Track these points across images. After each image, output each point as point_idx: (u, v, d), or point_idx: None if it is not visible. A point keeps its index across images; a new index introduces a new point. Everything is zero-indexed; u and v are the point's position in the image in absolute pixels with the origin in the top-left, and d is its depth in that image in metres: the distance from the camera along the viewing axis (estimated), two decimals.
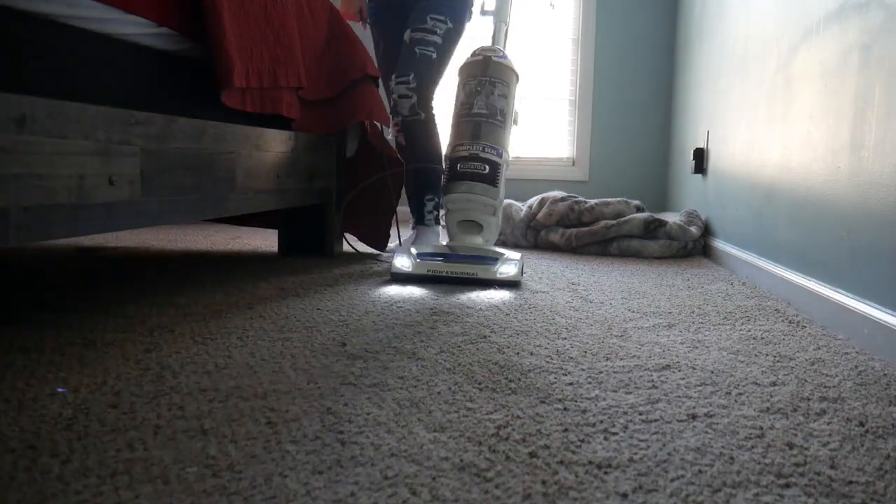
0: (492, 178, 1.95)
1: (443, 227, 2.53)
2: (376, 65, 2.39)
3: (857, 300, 1.40)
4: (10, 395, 0.93)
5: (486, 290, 1.79)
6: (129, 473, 0.72)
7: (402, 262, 1.89)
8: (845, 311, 1.42)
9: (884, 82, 1.35)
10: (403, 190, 2.47)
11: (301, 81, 1.84)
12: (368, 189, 2.41)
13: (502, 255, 1.91)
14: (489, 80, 2.01)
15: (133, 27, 1.30)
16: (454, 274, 1.86)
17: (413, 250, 1.92)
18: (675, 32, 3.75)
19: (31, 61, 1.13)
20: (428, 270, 1.87)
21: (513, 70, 2.07)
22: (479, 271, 1.86)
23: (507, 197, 3.42)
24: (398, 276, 1.89)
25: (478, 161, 1.95)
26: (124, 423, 0.85)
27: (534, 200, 2.89)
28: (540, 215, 2.80)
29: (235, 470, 0.74)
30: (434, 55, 2.34)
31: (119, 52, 1.32)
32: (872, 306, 1.34)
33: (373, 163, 2.40)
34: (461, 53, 2.36)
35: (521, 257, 1.93)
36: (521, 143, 3.90)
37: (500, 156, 1.98)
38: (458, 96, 2.08)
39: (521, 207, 2.91)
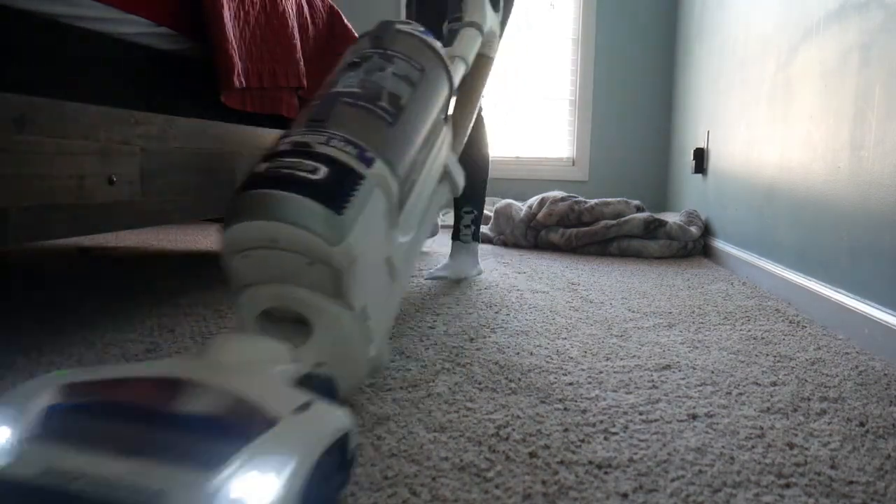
0: (331, 194, 0.84)
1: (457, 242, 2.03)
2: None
3: (857, 300, 1.40)
4: None
5: (491, 287, 1.75)
6: None
7: None
8: (845, 311, 1.42)
9: (884, 82, 1.35)
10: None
11: (301, 82, 1.84)
12: None
13: (271, 425, 0.60)
14: (382, 52, 1.04)
15: (133, 27, 1.30)
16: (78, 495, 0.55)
17: (42, 393, 0.64)
18: (675, 32, 3.74)
19: (31, 61, 1.13)
20: (44, 472, 0.57)
21: (438, 55, 1.11)
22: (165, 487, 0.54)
23: (507, 197, 3.43)
24: None
25: (307, 157, 0.87)
26: None
27: (534, 200, 2.89)
28: (540, 215, 2.80)
29: None
30: None
31: (119, 52, 1.32)
32: (872, 306, 1.34)
33: None
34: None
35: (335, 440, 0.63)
36: (522, 143, 3.90)
37: (367, 162, 0.89)
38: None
39: (521, 207, 2.91)
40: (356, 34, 2.22)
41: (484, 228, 3.02)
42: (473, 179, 1.94)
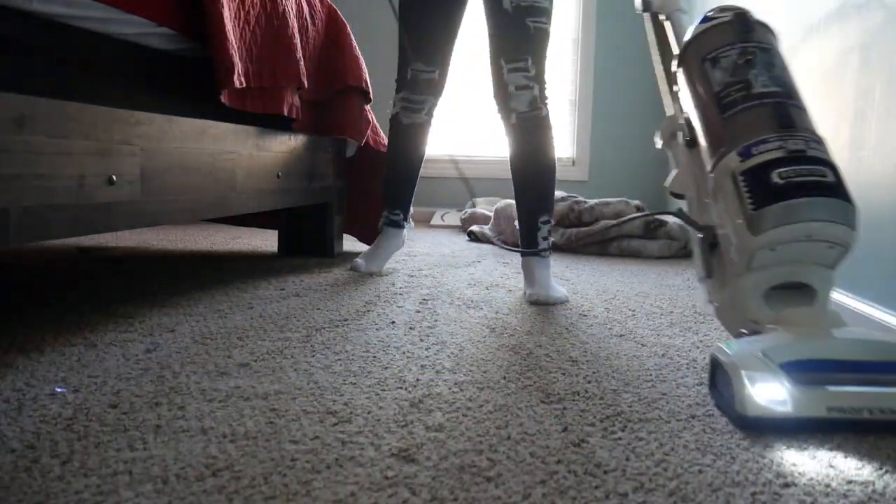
0: (844, 190, 1.02)
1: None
2: (401, 41, 1.93)
3: (857, 300, 1.40)
4: (10, 395, 0.93)
5: (492, 288, 1.76)
6: (130, 473, 0.72)
7: (766, 392, 0.89)
8: (845, 311, 1.42)
9: (884, 82, 1.35)
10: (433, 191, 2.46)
11: (301, 82, 1.84)
12: (365, 189, 2.41)
13: None
14: (759, 46, 1.14)
15: (133, 27, 1.30)
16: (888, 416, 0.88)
17: (769, 356, 0.93)
18: None
19: (31, 61, 1.13)
20: (829, 409, 0.88)
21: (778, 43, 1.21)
22: None
23: (506, 197, 3.43)
24: (763, 422, 0.89)
25: (815, 163, 1.03)
26: (124, 423, 0.85)
27: None
28: None
29: (235, 470, 0.74)
30: (548, 27, 1.75)
31: (119, 52, 1.32)
32: (872, 306, 1.34)
33: (374, 164, 2.40)
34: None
35: None
36: None
37: (832, 157, 1.08)
38: (695, 86, 1.19)
39: None
40: (351, 35, 2.22)
41: (484, 228, 3.02)
42: (545, 185, 1.78)
